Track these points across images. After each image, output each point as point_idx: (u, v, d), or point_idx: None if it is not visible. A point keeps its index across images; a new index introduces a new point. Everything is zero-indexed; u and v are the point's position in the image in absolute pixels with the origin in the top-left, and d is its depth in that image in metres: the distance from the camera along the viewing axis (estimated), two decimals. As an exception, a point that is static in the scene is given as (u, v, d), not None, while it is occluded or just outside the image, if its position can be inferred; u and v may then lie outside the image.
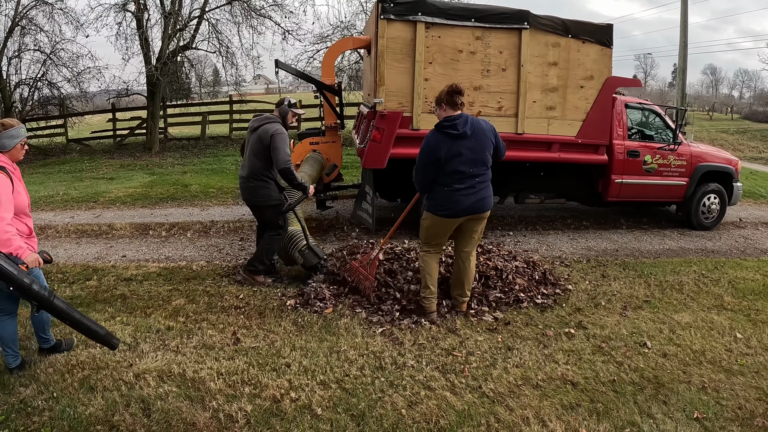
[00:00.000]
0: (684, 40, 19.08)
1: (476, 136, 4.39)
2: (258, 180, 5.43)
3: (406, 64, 6.72)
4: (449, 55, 6.81)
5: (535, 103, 7.12)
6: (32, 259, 3.42)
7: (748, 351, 4.30)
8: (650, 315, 4.94)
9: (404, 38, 6.66)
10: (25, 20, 15.64)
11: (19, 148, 3.66)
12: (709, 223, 8.45)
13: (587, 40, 7.16)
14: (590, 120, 7.34)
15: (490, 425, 3.23)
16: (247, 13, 15.86)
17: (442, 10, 6.71)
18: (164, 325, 4.59)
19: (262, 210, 5.59)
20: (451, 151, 4.33)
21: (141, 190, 10.73)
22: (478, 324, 4.62)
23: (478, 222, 4.61)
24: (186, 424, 3.22)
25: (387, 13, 6.55)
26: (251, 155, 5.44)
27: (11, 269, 3.23)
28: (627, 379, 3.79)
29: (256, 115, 5.70)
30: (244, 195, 5.62)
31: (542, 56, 7.05)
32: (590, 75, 7.26)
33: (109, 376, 3.72)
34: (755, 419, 3.37)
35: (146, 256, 6.89)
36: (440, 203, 4.45)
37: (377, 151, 6.84)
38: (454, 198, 4.39)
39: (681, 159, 8.05)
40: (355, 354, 4.05)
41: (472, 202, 4.42)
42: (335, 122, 8.01)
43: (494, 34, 6.86)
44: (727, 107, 40.30)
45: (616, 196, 7.95)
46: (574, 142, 7.35)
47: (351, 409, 3.37)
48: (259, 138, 5.37)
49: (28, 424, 3.21)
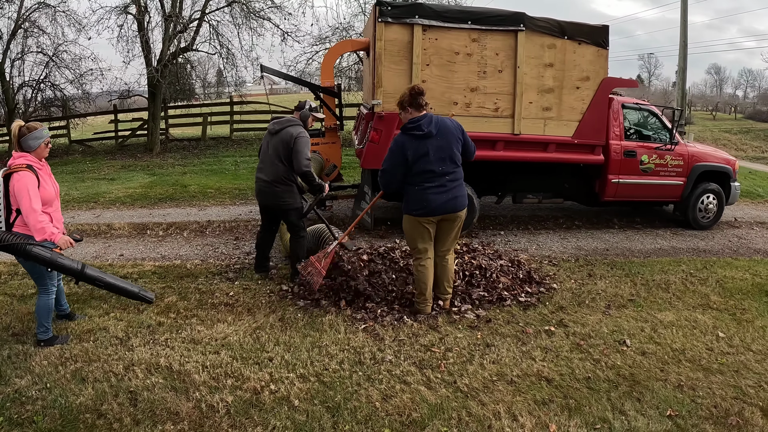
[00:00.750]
0: (684, 40, 19.07)
1: (442, 134, 4.47)
2: (283, 184, 5.43)
3: (404, 66, 6.83)
4: (446, 57, 6.92)
5: (531, 104, 7.21)
6: (63, 241, 4.02)
7: (730, 350, 4.34)
8: (633, 314, 4.99)
9: (401, 41, 6.77)
10: (28, 23, 15.80)
11: (43, 147, 4.14)
12: (706, 222, 8.49)
13: (583, 42, 7.24)
14: (586, 120, 7.42)
15: (461, 419, 3.30)
16: (246, 15, 16.00)
17: (439, 13, 6.82)
18: (155, 320, 4.71)
19: (287, 213, 5.58)
20: (418, 151, 4.43)
21: (141, 190, 10.86)
22: (459, 321, 4.70)
23: (453, 222, 4.67)
24: (170, 413, 3.35)
25: (384, 16, 6.67)
26: (274, 159, 5.41)
27: (45, 253, 3.84)
28: (602, 377, 3.84)
29: (275, 118, 5.73)
30: (266, 198, 5.58)
31: (538, 57, 7.14)
32: (586, 76, 7.33)
33: (100, 368, 3.87)
34: (729, 418, 3.40)
35: (143, 254, 7.00)
36: (413, 203, 4.55)
37: (375, 152, 6.95)
38: (425, 197, 4.48)
39: (678, 159, 8.10)
40: (336, 349, 4.15)
41: (444, 200, 4.50)
42: (335, 124, 8.13)
43: (490, 36, 6.96)
44: (731, 107, 40.18)
45: (612, 196, 8.02)
46: (570, 142, 7.43)
47: (327, 401, 3.47)
48: (283, 141, 5.37)
49: (21, 412, 3.36)
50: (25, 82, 16.50)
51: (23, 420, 3.28)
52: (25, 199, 3.87)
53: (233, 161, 14.56)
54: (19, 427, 3.23)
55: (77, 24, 16.05)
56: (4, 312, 4.94)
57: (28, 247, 3.81)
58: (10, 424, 3.24)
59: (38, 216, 3.89)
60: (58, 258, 3.90)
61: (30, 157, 4.06)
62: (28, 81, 16.49)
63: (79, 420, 3.29)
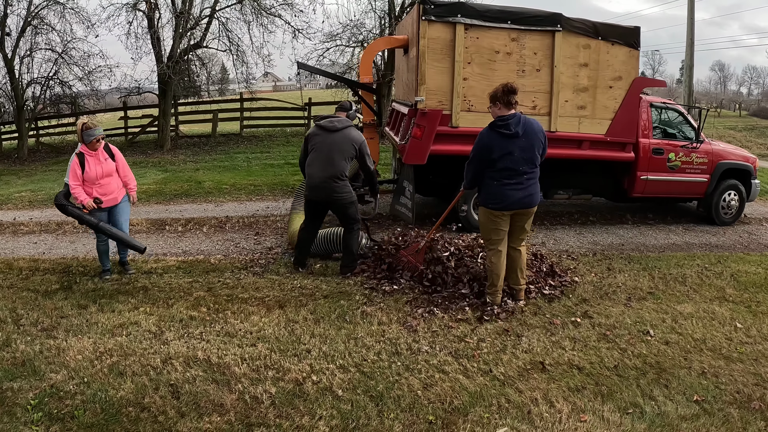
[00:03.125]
0: (691, 37, 19.12)
1: (527, 135, 4.67)
2: (340, 180, 5.64)
3: (446, 64, 6.99)
4: (486, 55, 7.08)
5: (567, 102, 7.39)
6: (88, 203, 5.51)
7: (748, 340, 4.48)
8: (654, 306, 5.12)
9: (444, 39, 6.93)
10: (37, 20, 15.81)
11: (94, 142, 5.58)
12: (728, 218, 8.69)
13: (616, 42, 7.42)
14: (618, 119, 7.61)
15: (501, 405, 3.43)
16: (257, 12, 16.02)
17: (480, 13, 6.99)
18: (187, 315, 4.80)
19: (345, 207, 5.76)
20: (504, 150, 4.64)
21: (155, 186, 10.96)
22: (489, 313, 4.82)
23: (526, 216, 4.92)
24: (214, 405, 3.43)
25: (428, 14, 6.83)
26: (336, 156, 5.61)
27: (75, 210, 5.66)
28: (630, 365, 3.98)
29: (324, 117, 5.90)
30: (324, 194, 5.70)
31: (574, 57, 7.31)
32: (618, 76, 7.52)
33: (137, 362, 3.94)
34: (752, 402, 3.55)
35: (164, 250, 7.10)
36: (491, 197, 4.79)
37: (418, 148, 7.12)
38: (503, 192, 4.72)
39: (703, 156, 8.32)
40: (372, 341, 4.27)
41: (520, 197, 4.74)
42: (373, 119, 8.32)
43: (529, 36, 7.13)
44: (736, 104, 40.22)
45: (641, 193, 8.21)
46: (603, 140, 7.62)
47: (370, 390, 3.58)
48: (346, 140, 5.63)
49: (60, 407, 3.40)
50: (34, 79, 16.51)
51: (63, 415, 3.31)
52: (69, 175, 5.55)
53: (245, 158, 14.65)
54: (60, 422, 3.25)
55: (86, 21, 16.09)
56: (30, 308, 5.02)
57: (68, 207, 5.69)
58: (50, 420, 3.28)
59: (73, 187, 5.51)
60: (83, 215, 5.62)
61: (83, 147, 5.60)
62: (37, 78, 16.50)
63: (121, 414, 3.33)
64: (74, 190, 5.50)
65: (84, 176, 5.53)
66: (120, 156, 5.90)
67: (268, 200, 9.85)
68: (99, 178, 5.60)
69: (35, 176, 13.51)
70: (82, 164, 5.52)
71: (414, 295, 5.20)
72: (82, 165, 5.52)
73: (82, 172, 5.52)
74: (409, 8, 17.31)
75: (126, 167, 5.94)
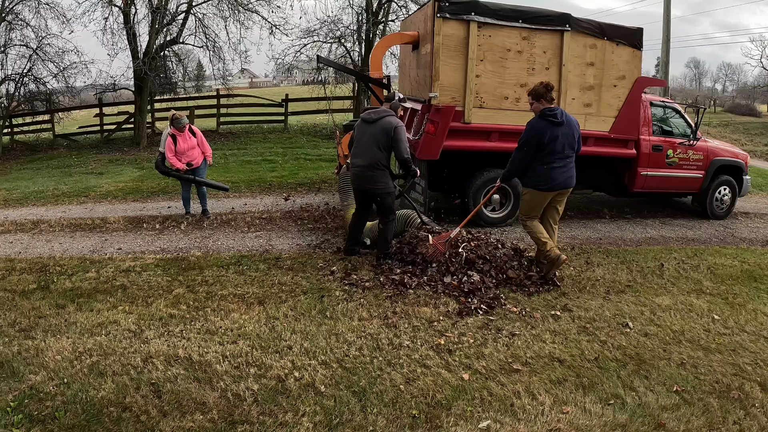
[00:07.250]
0: (667, 34, 19.41)
1: (569, 124, 5.37)
2: (378, 169, 5.73)
3: (459, 61, 7.10)
4: (498, 53, 7.21)
5: (574, 100, 7.56)
6: (180, 166, 7.80)
7: (725, 331, 4.59)
8: (632, 298, 5.21)
9: (458, 36, 7.04)
10: (12, 15, 15.47)
11: (181, 126, 7.77)
12: (721, 213, 8.99)
13: (621, 43, 7.65)
14: (622, 117, 7.84)
15: (484, 399, 3.45)
16: (234, 8, 15.90)
17: (494, 11, 7.09)
18: (166, 313, 4.73)
19: (382, 196, 5.83)
20: (552, 135, 5.26)
21: (132, 184, 10.82)
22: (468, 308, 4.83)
23: (564, 195, 5.62)
24: (197, 403, 3.39)
25: (443, 11, 6.92)
26: (372, 146, 5.73)
27: (172, 172, 7.95)
28: (610, 357, 4.04)
29: (366, 109, 6.04)
30: (363, 183, 5.88)
31: (581, 56, 7.50)
32: (622, 75, 7.75)
33: (117, 361, 3.87)
34: (731, 392, 3.64)
35: (142, 248, 6.99)
36: (540, 179, 5.39)
37: (431, 143, 7.22)
38: (552, 174, 5.35)
39: (699, 153, 8.61)
40: (353, 336, 4.26)
41: (564, 178, 5.41)
42: None
43: (539, 35, 7.29)
44: (711, 100, 40.82)
45: (641, 187, 8.44)
46: (607, 136, 7.84)
47: (353, 386, 3.58)
48: (383, 129, 5.71)
49: (41, 408, 3.33)
50: (8, 76, 16.17)
51: (44, 416, 3.25)
52: (165, 148, 7.78)
53: (222, 154, 14.48)
54: (41, 424, 3.19)
55: (62, 16, 15.81)
56: (7, 308, 4.90)
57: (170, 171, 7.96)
58: (31, 421, 3.21)
59: (170, 158, 7.77)
60: (182, 174, 7.93)
61: (173, 130, 7.79)
62: (10, 75, 16.17)
63: (103, 414, 3.28)
64: (171, 160, 7.76)
65: (177, 149, 7.74)
66: (200, 133, 8.11)
67: (245, 197, 9.78)
68: (187, 150, 7.86)
69: (10, 175, 13.22)
70: (174, 141, 7.71)
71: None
72: (174, 142, 7.71)
73: (175, 147, 7.71)
74: (386, 4, 17.32)
75: (204, 142, 8.12)
